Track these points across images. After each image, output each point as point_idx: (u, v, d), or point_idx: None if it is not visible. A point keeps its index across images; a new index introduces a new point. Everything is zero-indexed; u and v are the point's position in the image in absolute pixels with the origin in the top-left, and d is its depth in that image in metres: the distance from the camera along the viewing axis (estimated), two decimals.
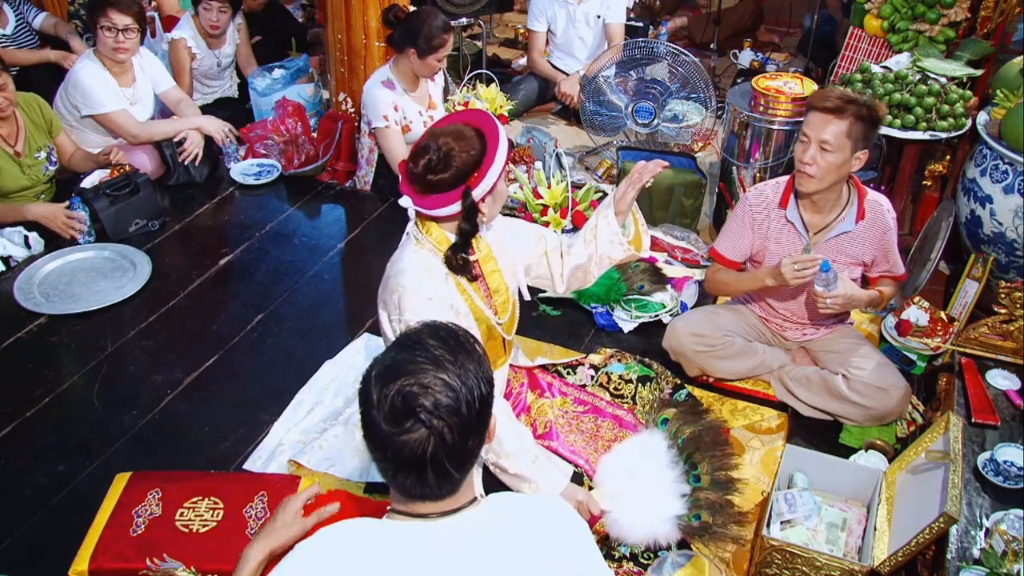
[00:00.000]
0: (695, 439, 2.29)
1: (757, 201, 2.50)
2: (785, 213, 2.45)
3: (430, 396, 1.17)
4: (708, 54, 5.25)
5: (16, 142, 3.21)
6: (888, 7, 3.41)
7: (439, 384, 1.19)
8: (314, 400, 2.59)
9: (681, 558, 2.05)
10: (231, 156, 3.88)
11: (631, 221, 2.25)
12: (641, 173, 2.16)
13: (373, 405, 1.19)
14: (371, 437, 1.21)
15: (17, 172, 3.21)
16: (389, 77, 3.43)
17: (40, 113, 3.31)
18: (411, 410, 1.17)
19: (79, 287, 3.08)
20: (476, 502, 1.29)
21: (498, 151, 1.86)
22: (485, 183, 1.86)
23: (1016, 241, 2.89)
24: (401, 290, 1.93)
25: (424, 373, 1.19)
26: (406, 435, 1.17)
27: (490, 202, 1.94)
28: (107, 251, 3.27)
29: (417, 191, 1.90)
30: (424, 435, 1.17)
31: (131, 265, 3.20)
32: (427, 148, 1.86)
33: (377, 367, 1.23)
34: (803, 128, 2.35)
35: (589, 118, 4.02)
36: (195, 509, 1.97)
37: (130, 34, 3.46)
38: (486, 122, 1.90)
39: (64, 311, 2.94)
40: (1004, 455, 2.14)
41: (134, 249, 3.27)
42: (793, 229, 2.46)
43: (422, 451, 1.18)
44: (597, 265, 2.24)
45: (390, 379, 1.19)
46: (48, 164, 3.33)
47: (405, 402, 1.17)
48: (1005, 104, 2.95)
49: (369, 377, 1.22)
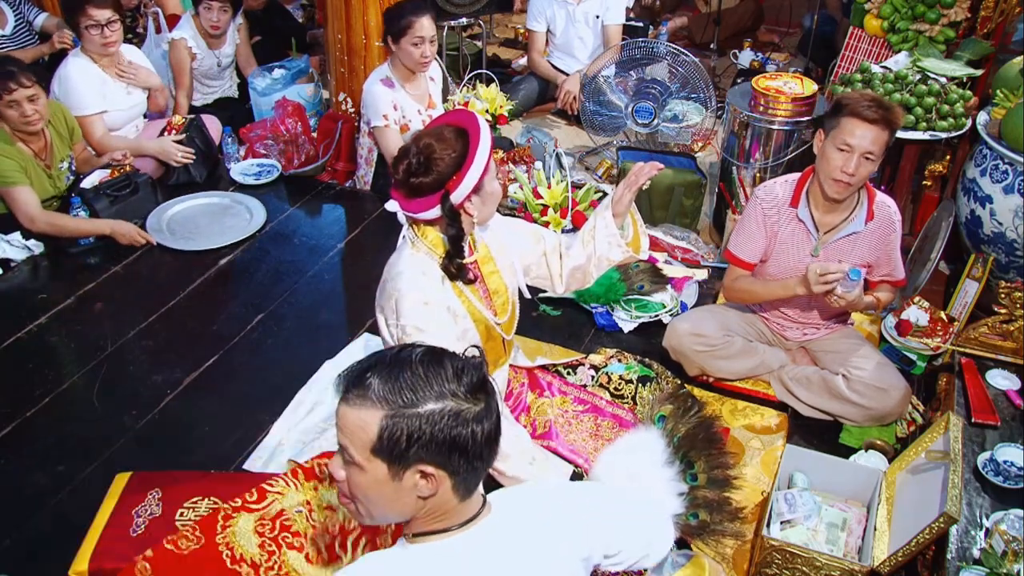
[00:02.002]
0: (690, 437, 2.29)
1: (767, 199, 2.47)
2: (796, 212, 2.44)
3: (463, 359, 1.18)
4: (708, 54, 5.25)
5: (46, 155, 3.23)
6: (888, 7, 3.41)
7: (453, 355, 1.19)
8: (314, 400, 2.59)
9: (681, 558, 2.04)
10: (231, 156, 3.88)
11: (629, 223, 2.24)
12: (638, 175, 2.16)
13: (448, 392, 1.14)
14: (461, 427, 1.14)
15: (48, 186, 3.24)
16: (388, 75, 3.44)
17: (64, 122, 3.33)
18: (483, 379, 1.17)
19: (202, 227, 3.48)
20: (488, 506, 1.28)
21: (478, 152, 1.83)
22: (465, 185, 1.84)
23: (1016, 241, 2.89)
24: (398, 294, 1.92)
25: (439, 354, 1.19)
26: (484, 406, 1.17)
27: (478, 203, 1.92)
28: (227, 198, 3.66)
29: (403, 195, 1.90)
30: (494, 402, 1.19)
31: (247, 210, 3.56)
32: (407, 151, 1.85)
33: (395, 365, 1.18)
34: (841, 137, 2.25)
35: (589, 118, 4.02)
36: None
37: (113, 26, 3.47)
38: (470, 122, 1.87)
39: (188, 247, 3.33)
40: (1004, 455, 2.14)
41: (249, 196, 3.64)
42: (803, 228, 2.45)
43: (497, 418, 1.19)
44: (596, 266, 2.24)
45: (431, 367, 1.16)
46: (69, 174, 3.35)
47: (466, 369, 1.17)
48: (1005, 104, 2.95)
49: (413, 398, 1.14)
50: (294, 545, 1.81)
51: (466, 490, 1.21)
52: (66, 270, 3.22)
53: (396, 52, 3.38)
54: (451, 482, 1.18)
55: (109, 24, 3.44)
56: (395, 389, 1.13)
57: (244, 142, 3.99)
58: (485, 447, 1.18)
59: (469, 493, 1.22)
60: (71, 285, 3.11)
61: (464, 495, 1.21)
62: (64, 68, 3.51)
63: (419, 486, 1.17)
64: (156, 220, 3.44)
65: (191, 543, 1.81)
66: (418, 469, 1.15)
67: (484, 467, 1.21)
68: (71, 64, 3.51)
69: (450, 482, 1.18)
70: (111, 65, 3.58)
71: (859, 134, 2.23)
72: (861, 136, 2.23)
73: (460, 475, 1.18)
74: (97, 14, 3.41)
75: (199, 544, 1.81)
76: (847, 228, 2.42)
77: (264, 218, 3.51)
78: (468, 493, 1.22)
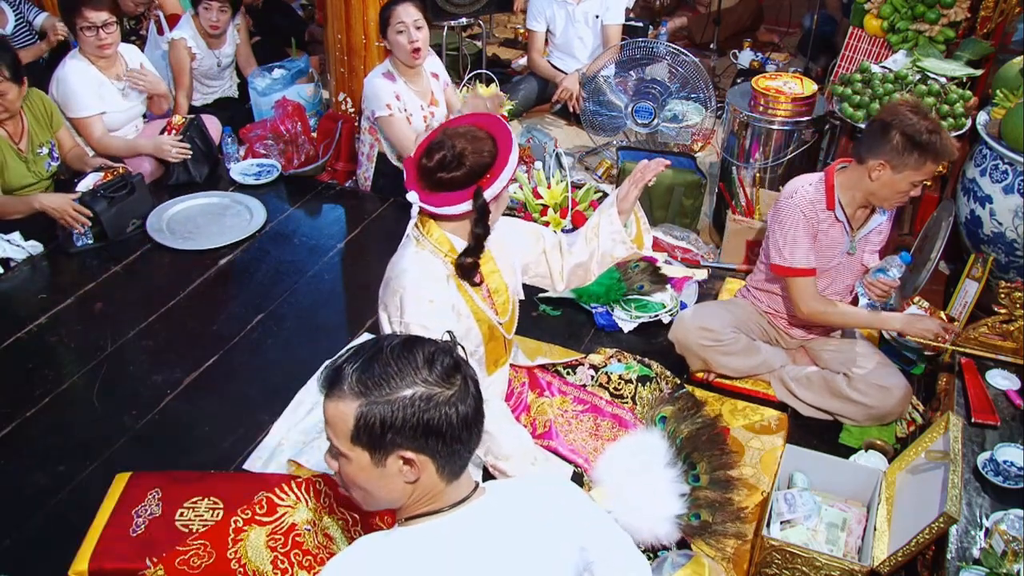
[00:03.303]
0: (693, 438, 2.29)
1: (804, 203, 2.42)
2: (834, 213, 2.45)
3: (436, 344, 1.22)
4: (708, 54, 5.25)
5: (20, 139, 3.21)
6: (888, 7, 3.41)
7: (425, 340, 1.24)
8: (314, 400, 2.58)
9: (681, 558, 2.04)
10: (231, 156, 3.88)
11: (633, 220, 2.25)
12: (643, 172, 2.16)
13: (420, 380, 1.19)
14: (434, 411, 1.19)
15: (23, 169, 3.21)
16: (389, 69, 3.43)
17: (42, 107, 3.30)
18: (454, 359, 1.21)
19: (202, 227, 3.47)
20: (480, 489, 1.30)
21: (511, 156, 1.88)
22: (496, 185, 1.87)
23: (1016, 241, 2.89)
24: (402, 292, 1.93)
25: (412, 342, 1.23)
26: (461, 385, 1.21)
27: (495, 206, 1.95)
28: (227, 198, 3.65)
29: (425, 188, 1.89)
30: (470, 374, 1.22)
31: (247, 210, 3.55)
32: (442, 144, 1.86)
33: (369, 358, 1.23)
34: (919, 178, 2.30)
35: (589, 118, 4.03)
36: (195, 509, 1.97)
37: (109, 28, 3.45)
38: (499, 127, 1.92)
39: (188, 247, 3.32)
40: (1004, 455, 2.14)
41: (249, 196, 3.63)
42: (840, 228, 2.47)
43: (475, 400, 1.23)
44: (599, 263, 2.24)
45: (403, 356, 1.21)
46: (50, 160, 3.33)
47: (437, 354, 1.20)
48: (1005, 104, 2.95)
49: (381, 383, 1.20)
50: (304, 564, 1.80)
51: (452, 473, 1.25)
52: (66, 270, 3.21)
53: (390, 48, 3.37)
54: (434, 466, 1.22)
55: (105, 27, 3.43)
56: (369, 379, 1.19)
57: (244, 142, 3.98)
58: (463, 429, 1.21)
59: (456, 475, 1.26)
60: (71, 285, 3.10)
61: (451, 477, 1.25)
62: (61, 70, 3.50)
63: (403, 471, 1.22)
64: (156, 220, 3.44)
65: (203, 559, 1.80)
66: (399, 455, 1.20)
67: (466, 449, 1.24)
68: (68, 66, 3.50)
69: (433, 466, 1.22)
70: (109, 67, 3.57)
71: (928, 171, 2.31)
72: (929, 173, 2.31)
73: (441, 458, 1.22)
74: (93, 16, 3.39)
75: (211, 559, 1.80)
76: (873, 221, 2.49)
77: (264, 218, 3.50)
78: (455, 475, 1.26)
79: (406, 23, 3.27)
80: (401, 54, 3.35)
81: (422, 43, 3.33)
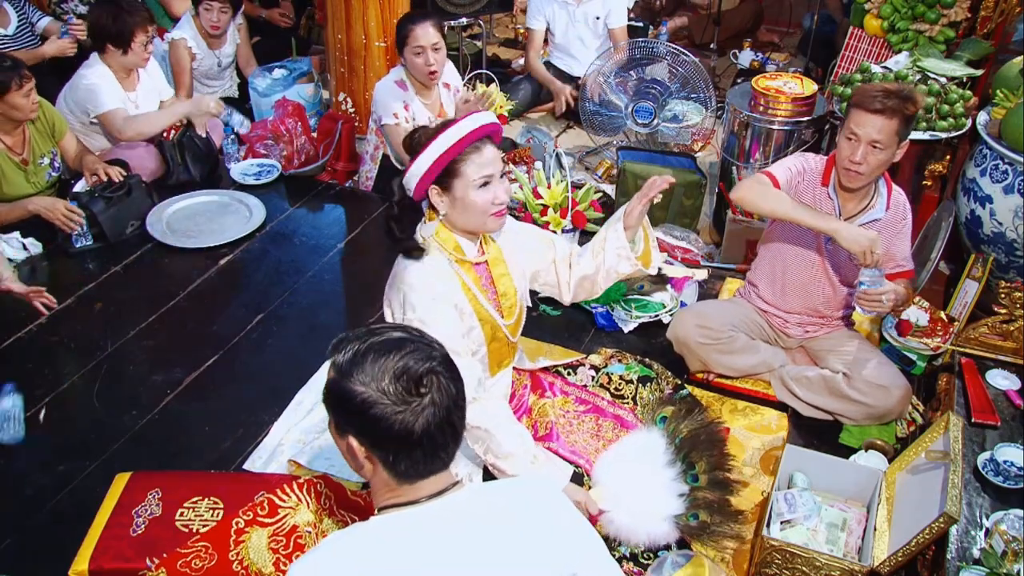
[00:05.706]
0: (692, 439, 2.29)
1: (809, 162, 2.49)
2: (827, 190, 2.46)
3: (422, 361, 1.23)
4: (708, 54, 5.25)
5: (23, 151, 3.22)
6: (888, 7, 3.41)
7: (419, 351, 1.25)
8: (314, 400, 2.59)
9: (681, 558, 2.04)
10: (231, 156, 3.88)
11: (641, 237, 2.24)
12: (649, 188, 2.17)
13: (373, 386, 1.22)
14: (376, 418, 1.22)
15: (22, 180, 3.22)
16: (403, 79, 3.41)
17: (43, 117, 3.31)
18: (418, 378, 1.22)
19: (202, 225, 3.48)
20: (460, 484, 1.31)
21: (434, 143, 1.86)
22: (412, 172, 1.90)
23: (1016, 241, 2.89)
24: (407, 287, 1.94)
25: (400, 347, 1.25)
26: (418, 404, 1.22)
27: (447, 204, 1.94)
28: (226, 196, 3.65)
29: None
30: (436, 399, 1.23)
31: (247, 208, 3.56)
32: (414, 131, 1.95)
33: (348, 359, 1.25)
34: (849, 126, 2.31)
35: (589, 118, 4.03)
36: (195, 509, 1.97)
37: (149, 47, 3.55)
38: (458, 124, 1.89)
39: (188, 245, 3.33)
40: (1004, 455, 2.14)
41: (247, 194, 3.63)
42: (831, 206, 2.46)
43: (443, 411, 1.24)
44: (604, 277, 2.25)
45: (380, 357, 1.23)
46: (51, 170, 3.33)
47: (408, 371, 1.22)
48: (1005, 104, 2.95)
49: (349, 370, 1.24)
50: None
51: (409, 474, 1.26)
52: (66, 270, 3.21)
53: (406, 64, 3.34)
54: (382, 463, 1.26)
55: (145, 46, 3.54)
56: (348, 358, 1.25)
57: (244, 142, 3.99)
58: (424, 437, 1.23)
59: (418, 477, 1.27)
60: (71, 285, 3.10)
61: (411, 478, 1.27)
62: (83, 78, 3.53)
63: (356, 452, 1.27)
64: (156, 219, 3.44)
65: (205, 561, 1.80)
66: (351, 438, 1.26)
67: (429, 456, 1.26)
68: (92, 70, 3.54)
69: (381, 463, 1.26)
70: (126, 77, 3.61)
71: (863, 123, 2.27)
72: (865, 125, 2.27)
73: (391, 459, 1.25)
74: (141, 37, 3.49)
75: (213, 561, 1.80)
76: (868, 215, 2.46)
77: (264, 216, 3.50)
78: (417, 476, 1.27)
79: (424, 47, 3.22)
80: (418, 74, 3.33)
81: (439, 66, 3.30)
